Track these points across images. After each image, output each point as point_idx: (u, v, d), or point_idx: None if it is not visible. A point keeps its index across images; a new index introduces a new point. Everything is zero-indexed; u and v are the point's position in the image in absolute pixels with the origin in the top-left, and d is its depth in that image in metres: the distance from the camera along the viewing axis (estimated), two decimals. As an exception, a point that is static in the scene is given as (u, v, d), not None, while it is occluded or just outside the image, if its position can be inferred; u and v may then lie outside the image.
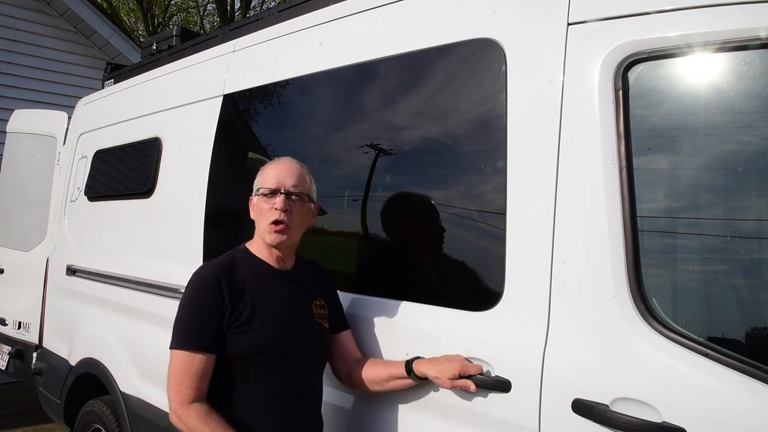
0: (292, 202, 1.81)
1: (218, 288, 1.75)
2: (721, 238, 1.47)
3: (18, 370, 4.28)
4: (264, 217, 1.82)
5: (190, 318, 1.75)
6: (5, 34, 6.89)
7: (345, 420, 2.04)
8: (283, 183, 1.81)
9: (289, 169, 1.85)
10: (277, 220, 1.79)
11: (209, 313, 1.73)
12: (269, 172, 1.86)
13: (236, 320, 1.75)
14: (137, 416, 2.91)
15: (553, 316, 1.57)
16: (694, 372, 1.35)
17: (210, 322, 1.73)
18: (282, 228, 1.80)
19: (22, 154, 4.69)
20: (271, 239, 1.81)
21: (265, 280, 1.85)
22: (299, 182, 1.84)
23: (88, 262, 3.59)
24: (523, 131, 1.69)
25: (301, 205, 1.84)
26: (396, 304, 1.96)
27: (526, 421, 1.57)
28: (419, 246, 2.05)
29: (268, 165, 1.90)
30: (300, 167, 1.88)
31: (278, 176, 1.82)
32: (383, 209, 2.10)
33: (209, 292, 1.74)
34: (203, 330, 1.73)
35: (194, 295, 1.77)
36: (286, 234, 1.81)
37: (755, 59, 1.41)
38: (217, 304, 1.73)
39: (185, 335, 1.73)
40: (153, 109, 3.31)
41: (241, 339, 1.74)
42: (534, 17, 1.73)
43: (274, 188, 1.81)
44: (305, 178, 1.88)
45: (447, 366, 1.69)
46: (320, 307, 1.92)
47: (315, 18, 2.46)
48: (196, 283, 1.79)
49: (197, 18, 20.02)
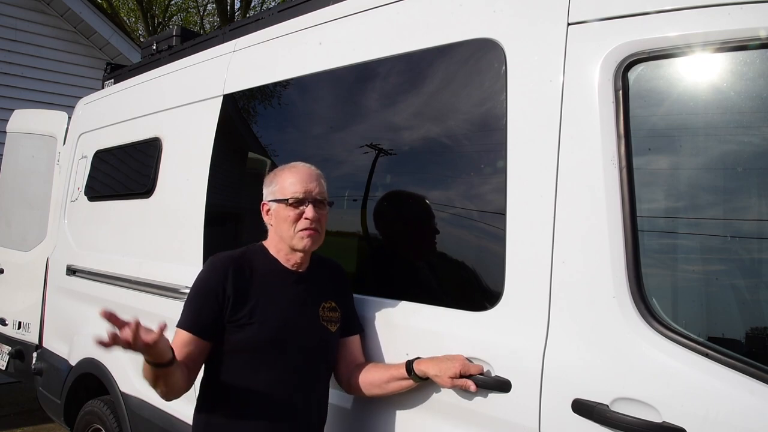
0: (319, 210, 1.85)
1: (224, 279, 1.79)
2: (721, 238, 1.47)
3: (18, 370, 4.28)
4: (290, 224, 1.83)
5: (191, 303, 1.82)
6: (5, 34, 6.89)
7: (345, 420, 2.04)
8: (310, 191, 1.84)
9: (311, 176, 1.87)
10: (309, 227, 1.82)
11: (208, 302, 1.78)
12: (290, 179, 1.86)
13: (237, 313, 1.77)
14: (137, 416, 2.91)
15: (553, 316, 1.57)
16: (694, 372, 1.35)
17: (207, 310, 1.77)
18: (313, 234, 1.83)
19: (22, 154, 4.69)
20: (304, 245, 1.83)
21: (274, 279, 1.87)
22: (322, 188, 1.88)
23: (88, 262, 3.59)
24: (523, 131, 1.69)
25: (324, 209, 1.88)
26: (396, 304, 1.96)
27: (526, 421, 1.57)
28: (419, 246, 2.05)
29: (286, 171, 1.90)
30: (318, 172, 1.91)
31: (304, 185, 1.84)
32: (383, 209, 2.10)
33: (213, 282, 1.79)
34: (200, 317, 1.78)
35: (200, 282, 1.83)
36: (317, 240, 1.85)
37: (755, 59, 1.41)
38: (219, 294, 1.77)
39: (183, 318, 1.80)
40: (153, 109, 3.31)
41: (238, 332, 1.77)
42: (534, 17, 1.73)
43: (302, 197, 1.82)
44: (322, 182, 1.91)
45: (448, 365, 1.69)
46: (329, 309, 1.92)
47: (315, 18, 2.46)
48: (206, 270, 1.85)
49: (197, 18, 20.03)
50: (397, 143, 2.11)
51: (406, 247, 2.10)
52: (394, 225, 2.10)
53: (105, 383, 3.16)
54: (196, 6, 19.85)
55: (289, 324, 1.83)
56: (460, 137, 1.94)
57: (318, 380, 1.89)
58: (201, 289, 1.81)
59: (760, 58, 1.40)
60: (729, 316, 1.47)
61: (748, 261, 1.48)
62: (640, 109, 1.53)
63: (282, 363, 1.80)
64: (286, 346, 1.81)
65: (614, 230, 1.48)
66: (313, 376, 1.88)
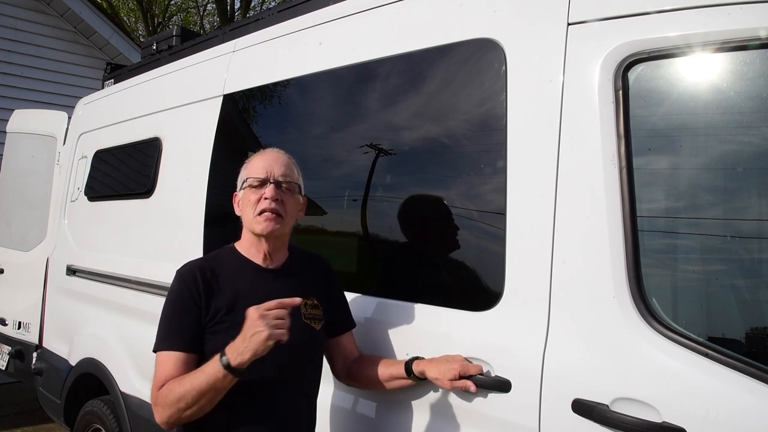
0: (283, 192, 1.75)
1: (194, 286, 1.69)
2: (721, 238, 1.47)
3: (18, 370, 4.28)
4: (252, 208, 1.74)
5: (167, 319, 1.72)
6: (5, 34, 6.89)
7: (345, 420, 2.04)
8: (272, 172, 1.75)
9: (276, 159, 1.79)
10: (267, 209, 1.72)
11: (185, 313, 1.69)
12: (256, 163, 1.79)
13: (212, 319, 1.69)
14: (137, 416, 2.91)
15: (553, 316, 1.57)
16: (694, 372, 1.35)
17: (186, 321, 1.68)
18: (273, 217, 1.72)
19: (22, 154, 4.69)
20: (262, 228, 1.72)
21: (247, 278, 1.77)
22: (288, 172, 1.79)
23: (88, 262, 3.59)
24: (523, 131, 1.69)
25: (291, 196, 1.78)
26: (396, 303, 1.96)
27: (526, 421, 1.57)
28: (419, 246, 2.05)
29: (253, 157, 1.83)
30: (287, 157, 1.83)
31: (266, 166, 1.76)
32: (383, 209, 2.10)
33: (185, 291, 1.70)
34: (180, 330, 1.68)
35: (171, 296, 1.73)
36: (278, 223, 1.73)
37: (755, 59, 1.41)
38: (194, 303, 1.68)
39: (163, 336, 1.70)
40: (153, 109, 3.32)
41: (214, 339, 1.67)
42: (534, 17, 1.73)
43: (263, 178, 1.74)
44: (293, 168, 1.82)
45: (447, 366, 1.69)
46: (311, 306, 1.81)
47: (315, 18, 2.46)
48: (174, 283, 1.74)
49: (197, 18, 20.02)
50: (397, 143, 2.11)
51: (406, 247, 2.10)
52: (393, 225, 2.10)
53: (105, 383, 3.16)
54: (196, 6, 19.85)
55: None
56: (460, 137, 1.94)
57: (305, 381, 1.81)
58: (176, 304, 1.71)
59: (760, 58, 1.40)
60: (729, 316, 1.47)
61: (748, 261, 1.48)
62: (640, 109, 1.53)
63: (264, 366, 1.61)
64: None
65: (614, 230, 1.48)
66: (300, 376, 1.79)
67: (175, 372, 1.63)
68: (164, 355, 1.67)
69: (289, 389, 1.75)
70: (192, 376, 1.58)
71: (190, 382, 1.56)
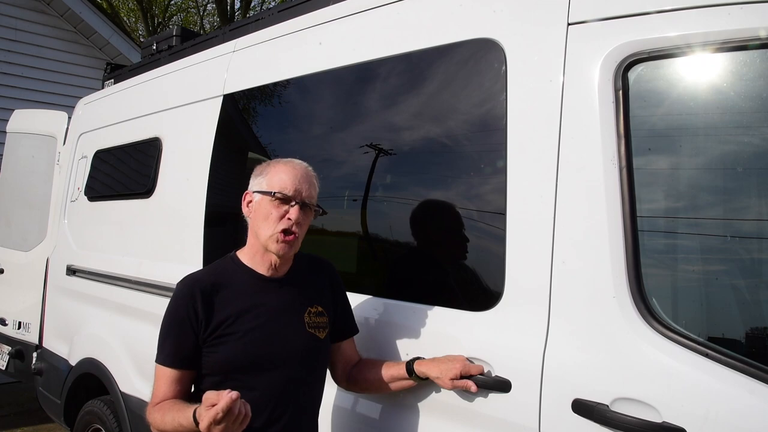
0: (304, 214, 1.72)
1: (192, 302, 1.67)
2: (721, 238, 1.47)
3: (18, 370, 4.28)
4: (271, 223, 1.70)
5: (164, 334, 1.72)
6: (5, 34, 6.89)
7: (345, 420, 2.04)
8: (300, 192, 1.71)
9: (305, 177, 1.74)
10: (288, 230, 1.69)
11: (181, 332, 1.68)
12: (283, 174, 1.72)
13: (212, 334, 1.67)
14: (137, 416, 2.90)
15: (553, 316, 1.57)
16: (694, 372, 1.35)
17: (183, 338, 1.67)
18: (292, 239, 1.70)
19: (22, 154, 4.69)
20: (277, 249, 1.70)
21: (251, 291, 1.74)
22: (314, 192, 1.76)
23: (88, 262, 3.59)
24: (523, 131, 1.69)
25: (309, 217, 1.76)
26: (396, 304, 1.96)
27: (526, 421, 1.57)
28: (419, 246, 2.05)
29: (280, 165, 1.76)
30: (314, 175, 1.79)
31: (296, 183, 1.71)
32: (383, 210, 2.10)
33: (183, 307, 1.68)
34: (174, 348, 1.68)
35: (169, 311, 1.73)
36: (294, 246, 1.73)
37: (755, 59, 1.41)
38: (191, 319, 1.67)
39: (159, 350, 1.71)
40: (153, 109, 3.32)
41: (215, 353, 1.67)
42: (534, 17, 1.73)
43: (291, 195, 1.70)
44: (316, 186, 1.78)
45: (448, 366, 1.68)
46: (316, 314, 1.79)
47: (315, 18, 2.46)
48: (174, 297, 1.73)
49: (197, 18, 20.02)
50: (397, 143, 2.11)
51: (405, 247, 2.10)
52: (393, 225, 2.10)
53: (105, 383, 3.16)
54: (196, 6, 19.84)
55: (272, 337, 1.71)
56: (461, 137, 1.94)
57: (308, 390, 1.79)
58: (174, 320, 1.70)
59: (760, 58, 1.40)
60: (729, 316, 1.47)
61: (748, 261, 1.48)
62: (640, 109, 1.53)
63: (267, 379, 1.68)
64: (269, 360, 1.70)
65: (614, 230, 1.48)
66: (303, 386, 1.77)
67: (167, 389, 1.67)
68: (160, 369, 1.70)
69: (292, 399, 1.73)
70: (177, 411, 1.59)
71: (173, 417, 1.58)
